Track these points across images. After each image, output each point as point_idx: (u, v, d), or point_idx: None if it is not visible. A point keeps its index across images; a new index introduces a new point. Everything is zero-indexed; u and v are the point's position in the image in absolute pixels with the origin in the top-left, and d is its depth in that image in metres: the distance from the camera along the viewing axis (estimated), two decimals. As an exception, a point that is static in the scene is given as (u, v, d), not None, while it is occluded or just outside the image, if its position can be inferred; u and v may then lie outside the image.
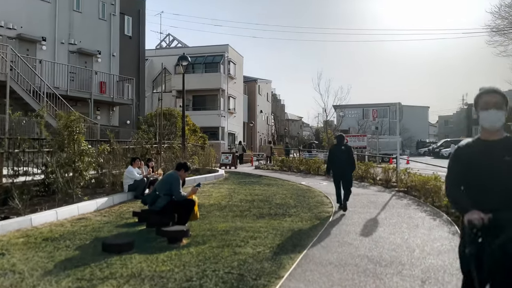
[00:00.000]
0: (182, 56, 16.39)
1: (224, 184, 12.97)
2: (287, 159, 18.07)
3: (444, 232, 6.45)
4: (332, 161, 9.05)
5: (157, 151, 13.38)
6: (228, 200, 9.68)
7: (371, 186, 12.46)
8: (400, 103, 11.50)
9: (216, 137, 31.66)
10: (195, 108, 33.15)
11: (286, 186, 12.42)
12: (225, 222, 7.25)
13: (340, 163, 8.83)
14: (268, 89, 50.92)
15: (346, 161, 8.78)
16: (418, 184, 10.03)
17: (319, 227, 6.85)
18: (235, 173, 17.26)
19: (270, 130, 54.36)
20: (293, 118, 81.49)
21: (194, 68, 33.35)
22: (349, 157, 8.84)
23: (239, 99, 36.86)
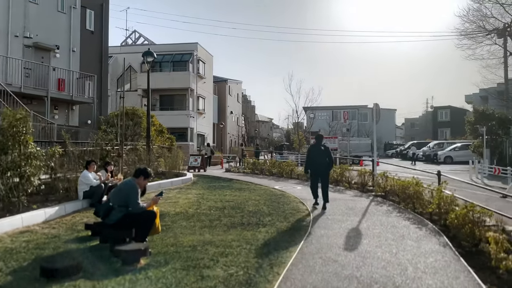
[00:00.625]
0: (147, 51, 15.37)
1: (192, 189, 12.08)
2: (259, 161, 17.36)
3: (434, 244, 5.89)
4: (311, 160, 9.31)
5: (118, 153, 12.32)
6: (196, 208, 8.83)
7: (346, 190, 11.91)
8: (377, 104, 11.04)
9: (184, 138, 30.58)
10: (163, 108, 31.92)
11: (259, 191, 11.68)
12: (192, 235, 6.42)
13: (319, 162, 9.15)
14: (238, 90, 50.19)
15: (324, 160, 9.15)
16: (397, 189, 9.54)
17: (297, 239, 6.14)
18: (204, 176, 16.36)
19: (240, 132, 53.61)
20: (264, 120, 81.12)
21: (162, 66, 32.13)
22: (328, 157, 9.22)
23: (209, 99, 35.88)
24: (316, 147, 9.45)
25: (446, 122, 59.56)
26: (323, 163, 9.16)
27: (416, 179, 8.83)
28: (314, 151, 9.40)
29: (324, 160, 9.18)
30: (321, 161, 9.16)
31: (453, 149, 35.18)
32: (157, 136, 19.56)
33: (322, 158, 9.16)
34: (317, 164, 9.20)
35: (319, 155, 9.19)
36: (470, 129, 26.82)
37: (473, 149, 27.23)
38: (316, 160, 9.19)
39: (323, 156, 9.18)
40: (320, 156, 9.18)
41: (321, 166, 9.17)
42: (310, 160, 9.36)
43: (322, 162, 9.16)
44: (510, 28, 24.77)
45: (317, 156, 9.21)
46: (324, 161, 9.18)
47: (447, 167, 29.28)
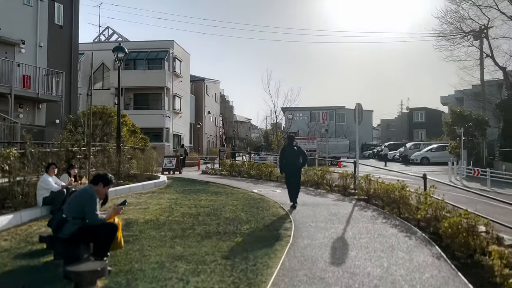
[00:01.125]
0: (117, 46, 14.52)
1: (165, 193, 11.34)
2: (237, 163, 16.71)
3: (427, 255, 5.40)
4: (285, 160, 9.62)
5: (84, 155, 11.45)
6: (168, 215, 8.13)
7: (328, 193, 11.42)
8: (360, 104, 10.59)
9: (160, 139, 29.60)
10: (137, 107, 30.85)
11: (237, 195, 11.05)
12: (162, 247, 5.75)
13: (292, 162, 9.48)
14: (216, 90, 49.39)
15: (298, 160, 9.51)
16: (381, 192, 9.08)
17: (278, 251, 5.55)
18: (179, 179, 15.59)
19: (218, 132, 52.81)
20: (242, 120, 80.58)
21: (136, 64, 31.06)
22: (302, 156, 9.61)
23: (186, 98, 34.97)
24: (288, 147, 9.76)
25: (422, 123, 60.43)
26: (296, 163, 9.52)
27: (402, 183, 8.38)
28: (287, 151, 9.68)
29: (297, 160, 9.53)
30: (294, 161, 9.50)
31: (429, 150, 35.46)
32: (129, 137, 18.65)
33: (295, 158, 9.51)
34: (290, 165, 9.51)
35: (292, 155, 9.52)
36: (447, 130, 26.94)
37: (450, 150, 27.39)
38: (290, 160, 9.51)
39: (296, 156, 9.53)
40: (293, 156, 9.52)
41: (294, 166, 9.52)
42: (284, 160, 9.67)
43: (296, 162, 9.52)
44: (486, 30, 24.98)
45: (290, 156, 9.53)
46: (298, 161, 9.54)
47: (424, 168, 29.38)
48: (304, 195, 10.98)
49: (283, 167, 9.75)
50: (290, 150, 9.61)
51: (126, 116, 19.58)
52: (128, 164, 15.62)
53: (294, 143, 9.78)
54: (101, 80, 32.08)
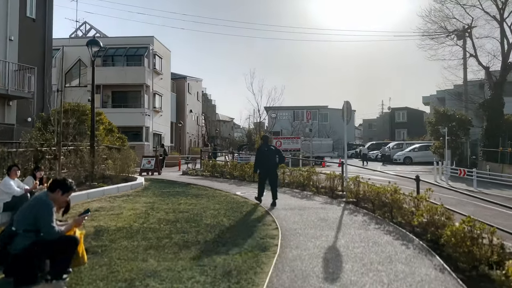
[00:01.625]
0: (91, 40, 13.72)
1: (141, 197, 10.60)
2: (219, 163, 16.04)
3: (428, 268, 4.89)
4: (260, 160, 9.76)
5: (54, 155, 10.63)
6: (142, 221, 7.43)
7: (315, 196, 10.88)
8: (348, 101, 10.08)
9: (139, 138, 28.68)
10: (115, 105, 29.80)
11: (219, 198, 10.40)
12: (133, 261, 5.08)
13: (268, 162, 9.63)
14: (198, 88, 48.53)
15: (274, 160, 9.66)
16: (372, 195, 8.59)
17: (265, 264, 4.95)
18: (158, 180, 14.83)
19: (200, 131, 51.95)
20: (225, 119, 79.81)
21: (114, 60, 30.02)
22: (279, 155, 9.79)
23: (166, 96, 34.05)
24: (264, 147, 9.91)
25: (403, 123, 60.90)
26: (272, 162, 9.68)
27: (394, 186, 7.90)
28: (263, 151, 9.82)
29: (273, 160, 9.69)
30: (269, 160, 9.65)
31: (412, 150, 35.51)
32: (105, 136, 17.78)
33: (271, 158, 9.67)
34: (266, 164, 9.67)
35: (268, 155, 9.69)
36: (431, 130, 26.87)
37: (434, 150, 27.34)
38: (265, 160, 9.66)
39: (272, 156, 9.70)
40: (269, 156, 9.68)
41: (270, 165, 9.68)
42: (259, 160, 9.82)
43: (271, 162, 9.67)
44: (470, 29, 24.97)
45: (266, 156, 9.68)
46: (273, 161, 9.70)
47: (407, 168, 29.32)
48: (290, 198, 10.42)
49: (260, 167, 9.83)
50: (266, 151, 9.77)
51: (102, 114, 18.70)
52: (104, 165, 14.81)
53: (269, 144, 10.03)
54: (78, 77, 30.90)
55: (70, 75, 31.09)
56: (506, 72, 23.21)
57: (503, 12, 23.21)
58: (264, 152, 9.75)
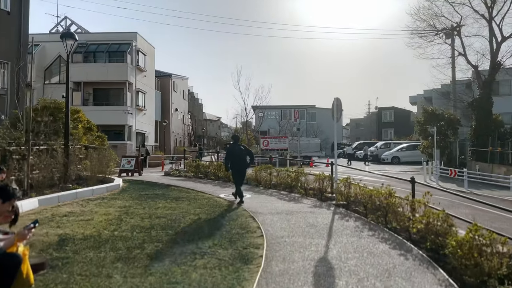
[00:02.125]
0: (66, 32, 12.94)
1: (117, 200, 9.86)
2: (203, 164, 15.34)
3: (433, 284, 4.31)
4: (232, 159, 10.11)
5: (22, 155, 9.81)
6: (114, 229, 6.72)
7: (303, 198, 10.28)
8: (338, 98, 9.51)
9: (121, 137, 27.75)
10: (97, 103, 28.80)
11: (201, 201, 9.72)
12: (96, 277, 4.41)
13: (239, 161, 10.03)
14: (184, 86, 47.62)
15: (244, 158, 10.12)
16: (364, 198, 8.01)
17: (247, 281, 4.31)
18: (138, 182, 14.05)
19: (186, 130, 51.05)
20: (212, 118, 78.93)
21: (96, 57, 29.01)
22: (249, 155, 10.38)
23: (150, 94, 33.12)
24: (234, 147, 10.31)
25: (390, 122, 60.93)
26: (243, 161, 10.14)
27: (389, 189, 7.33)
28: (234, 150, 10.22)
29: (244, 159, 10.18)
30: (241, 160, 10.10)
31: (400, 149, 35.27)
32: (83, 135, 16.92)
33: (241, 157, 10.12)
34: (237, 163, 10.05)
35: (239, 155, 10.10)
36: (419, 129, 26.56)
37: (422, 150, 27.04)
38: (237, 159, 10.05)
39: (242, 155, 10.17)
40: (239, 155, 10.10)
41: (241, 165, 10.10)
42: (230, 159, 10.18)
43: (243, 161, 10.14)
44: (459, 28, 24.72)
45: (237, 155, 10.09)
46: (244, 160, 10.17)
47: (395, 167, 29.03)
48: (276, 201, 9.80)
49: (231, 166, 10.16)
50: (237, 149, 10.18)
51: (81, 111, 17.84)
52: (81, 165, 14.01)
53: (239, 143, 10.53)
54: (58, 74, 29.81)
55: (50, 72, 29.95)
56: (495, 71, 22.99)
57: (492, 11, 23.00)
58: (235, 151, 10.15)
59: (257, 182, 12.69)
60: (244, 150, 10.27)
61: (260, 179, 12.54)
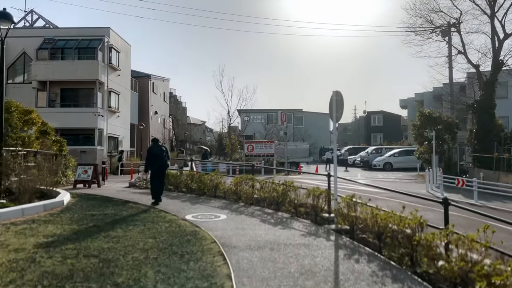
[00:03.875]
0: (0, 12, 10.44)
1: (50, 224, 7.48)
2: (173, 173, 13.02)
3: None
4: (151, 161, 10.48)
5: None
6: (10, 281, 4.40)
7: (293, 220, 8.05)
8: (339, 92, 7.34)
9: (91, 142, 25.18)
10: (64, 104, 26.16)
11: (159, 226, 7.41)
12: None
13: (159, 163, 10.41)
14: (165, 88, 45.15)
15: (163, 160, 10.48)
16: (378, 225, 5.83)
17: None
18: (91, 196, 11.58)
19: (168, 135, 48.52)
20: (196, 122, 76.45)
21: (64, 53, 26.42)
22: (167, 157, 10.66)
23: (125, 95, 30.59)
24: (154, 148, 10.63)
25: (379, 127, 59.45)
26: (163, 162, 10.52)
27: (417, 217, 5.17)
28: (154, 152, 10.52)
29: (162, 160, 10.51)
30: (161, 160, 10.46)
31: (392, 155, 33.43)
32: (35, 139, 14.45)
33: (161, 158, 10.47)
34: (157, 164, 10.46)
35: (158, 155, 10.46)
36: (415, 134, 24.67)
37: (419, 156, 25.18)
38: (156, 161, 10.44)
39: (163, 156, 10.52)
40: (159, 157, 10.45)
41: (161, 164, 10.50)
42: (150, 161, 10.54)
43: (162, 161, 10.50)
44: (458, 24, 22.97)
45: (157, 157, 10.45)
46: (163, 161, 10.54)
47: (389, 174, 27.11)
48: (258, 224, 7.54)
49: (151, 166, 10.53)
50: (157, 152, 10.51)
51: (34, 112, 15.35)
52: (25, 176, 11.56)
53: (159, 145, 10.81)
54: (22, 72, 27.12)
55: (14, 70, 27.24)
56: (498, 70, 21.24)
57: (494, 6, 21.28)
58: (155, 152, 10.49)
59: (236, 197, 10.45)
60: (163, 151, 10.58)
61: (240, 193, 10.30)
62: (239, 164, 24.91)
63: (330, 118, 7.47)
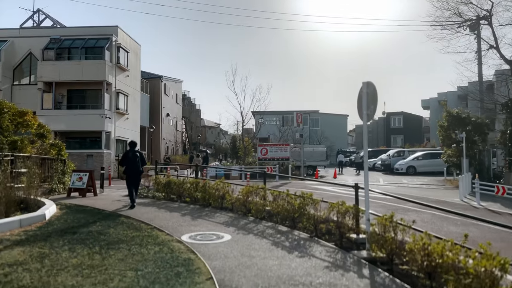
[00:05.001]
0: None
1: (16, 246, 6.18)
2: (176, 181, 11.66)
3: None
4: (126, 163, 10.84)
5: None
6: None
7: (311, 242, 6.55)
8: (371, 83, 5.83)
9: (98, 145, 24.11)
10: (71, 106, 25.23)
11: (146, 251, 6.02)
12: None
13: (134, 167, 10.74)
14: (177, 90, 44.12)
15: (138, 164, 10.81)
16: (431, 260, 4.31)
17: None
18: (80, 208, 10.19)
19: (181, 137, 47.47)
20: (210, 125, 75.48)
21: (71, 53, 25.49)
22: (142, 161, 10.96)
23: (135, 97, 29.53)
24: (129, 153, 10.85)
25: (399, 128, 57.26)
26: (138, 166, 10.74)
27: (487, 251, 3.64)
28: (130, 156, 10.73)
29: (138, 164, 10.73)
30: (136, 165, 10.70)
31: (415, 158, 31.51)
32: (29, 143, 13.31)
33: (137, 163, 10.72)
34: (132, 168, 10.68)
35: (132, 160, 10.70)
36: (443, 135, 22.85)
37: (446, 159, 23.33)
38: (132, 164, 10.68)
39: (139, 161, 10.77)
40: (133, 161, 10.69)
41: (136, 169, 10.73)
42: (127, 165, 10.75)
43: (137, 166, 10.73)
44: (490, 16, 21.10)
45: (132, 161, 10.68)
46: (138, 166, 10.75)
47: (413, 179, 25.28)
48: (270, 250, 6.04)
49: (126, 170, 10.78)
50: (131, 155, 10.72)
51: (29, 113, 14.24)
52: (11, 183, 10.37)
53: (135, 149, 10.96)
54: (28, 73, 26.31)
55: (20, 71, 26.45)
56: (536, 65, 19.31)
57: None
58: (129, 157, 10.74)
59: (245, 209, 9.01)
60: (139, 156, 10.81)
61: (249, 205, 8.85)
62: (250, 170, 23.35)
63: (360, 117, 5.96)
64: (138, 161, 10.66)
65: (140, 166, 10.76)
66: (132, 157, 10.64)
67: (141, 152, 11.38)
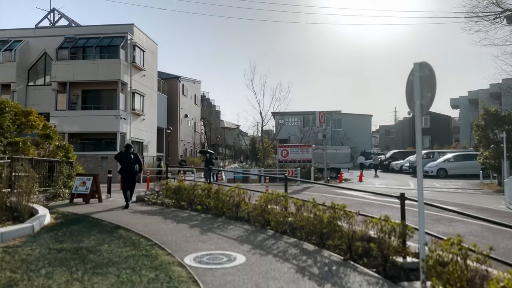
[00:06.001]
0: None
1: (-15, 269, 5.08)
2: (187, 186, 10.47)
3: None
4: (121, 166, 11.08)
5: None
6: None
7: (347, 269, 5.21)
8: (426, 63, 4.48)
9: (113, 147, 23.30)
10: (85, 106, 24.55)
11: (139, 278, 4.81)
12: None
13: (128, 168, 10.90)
14: (196, 90, 43.26)
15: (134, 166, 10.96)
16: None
17: None
18: (77, 217, 9.12)
19: (200, 139, 46.62)
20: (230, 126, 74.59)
21: (86, 52, 24.83)
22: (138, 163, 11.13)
23: (151, 97, 28.70)
24: (126, 154, 11.06)
25: (426, 129, 54.85)
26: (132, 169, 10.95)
27: None
28: (124, 157, 11.01)
29: (133, 166, 10.95)
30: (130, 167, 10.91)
31: (446, 160, 29.55)
32: (32, 145, 12.41)
33: (131, 165, 10.91)
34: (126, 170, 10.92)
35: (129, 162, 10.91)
36: (479, 135, 21.04)
37: (483, 161, 21.48)
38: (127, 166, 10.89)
39: (132, 162, 10.94)
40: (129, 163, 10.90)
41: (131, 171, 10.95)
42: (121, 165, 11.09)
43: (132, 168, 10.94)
44: (533, 4, 19.18)
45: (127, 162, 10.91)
46: (133, 167, 10.96)
47: (446, 183, 23.44)
48: (293, 280, 4.72)
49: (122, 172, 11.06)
50: (127, 157, 10.93)
51: (34, 113, 13.37)
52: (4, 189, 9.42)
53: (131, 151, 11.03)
54: (43, 73, 25.79)
55: (35, 71, 25.97)
56: None
57: None
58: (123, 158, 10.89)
59: (263, 220, 7.73)
60: (133, 158, 10.86)
61: (268, 216, 7.57)
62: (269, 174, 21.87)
63: (409, 108, 4.60)
64: (132, 163, 10.76)
65: (134, 168, 10.86)
66: (126, 159, 10.78)
67: (136, 153, 11.42)
